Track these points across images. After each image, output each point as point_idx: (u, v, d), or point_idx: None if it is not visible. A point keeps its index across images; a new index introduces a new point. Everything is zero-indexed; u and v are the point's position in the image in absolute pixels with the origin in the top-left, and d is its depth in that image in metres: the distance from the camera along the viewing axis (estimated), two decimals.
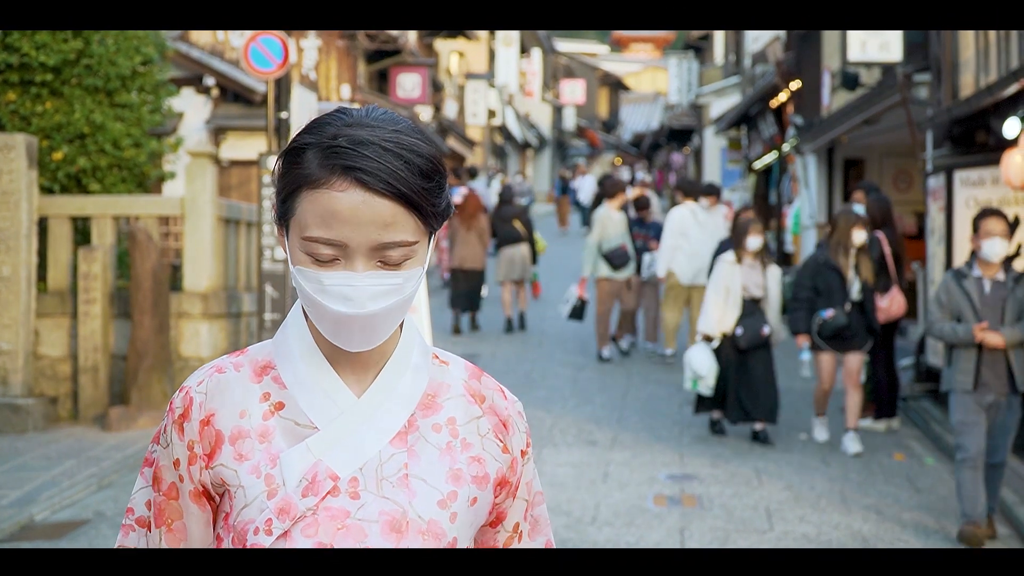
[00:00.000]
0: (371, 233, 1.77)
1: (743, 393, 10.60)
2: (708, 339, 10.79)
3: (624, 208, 15.25)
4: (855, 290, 10.21)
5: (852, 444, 10.19)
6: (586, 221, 34.31)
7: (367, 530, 1.80)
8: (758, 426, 10.63)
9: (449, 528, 1.84)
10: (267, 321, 11.57)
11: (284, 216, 1.85)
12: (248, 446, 1.84)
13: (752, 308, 10.67)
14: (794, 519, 8.35)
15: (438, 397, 1.94)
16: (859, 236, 10.20)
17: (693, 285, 14.31)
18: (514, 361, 14.91)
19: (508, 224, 17.20)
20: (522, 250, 17.12)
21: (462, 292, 16.87)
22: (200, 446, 1.85)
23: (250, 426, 1.85)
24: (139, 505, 1.93)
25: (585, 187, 36.80)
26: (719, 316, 10.69)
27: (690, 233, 14.36)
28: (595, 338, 15.23)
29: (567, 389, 13.18)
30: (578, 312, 14.97)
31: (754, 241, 10.69)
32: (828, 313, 10.12)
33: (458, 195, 19.17)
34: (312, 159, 1.79)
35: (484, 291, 17.41)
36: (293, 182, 1.81)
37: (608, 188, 15.30)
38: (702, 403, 10.94)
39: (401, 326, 1.93)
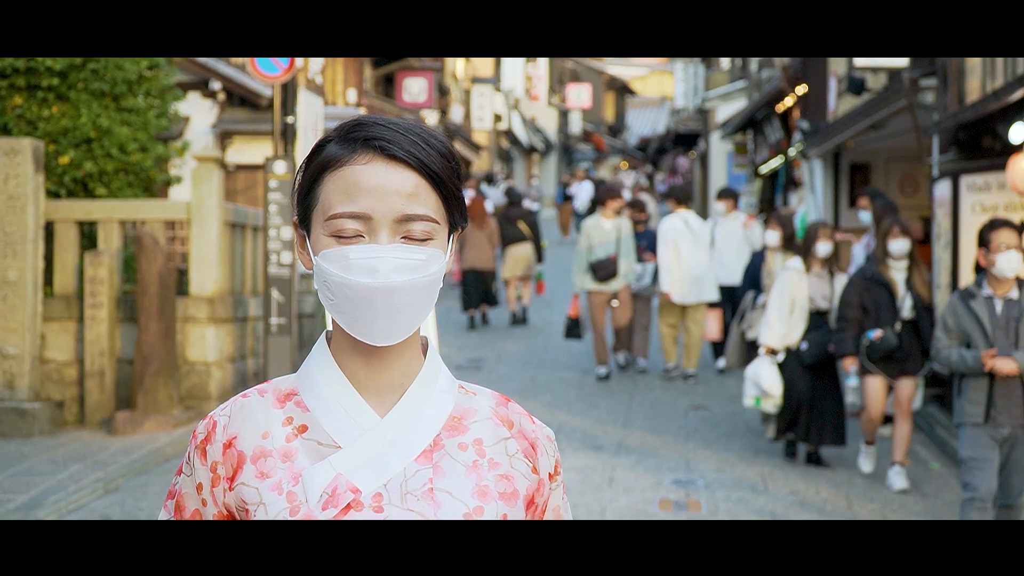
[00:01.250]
0: (394, 204, 1.79)
1: (808, 412, 9.81)
2: (772, 352, 9.95)
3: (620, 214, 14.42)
4: (906, 307, 9.22)
5: (898, 479, 9.24)
6: (579, 228, 34.07)
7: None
8: (802, 447, 10.02)
9: None
10: (273, 326, 11.58)
11: (306, 215, 1.86)
12: (270, 465, 1.84)
13: (818, 321, 9.79)
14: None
15: (465, 420, 1.92)
16: (896, 246, 9.20)
17: (686, 304, 13.51)
18: (519, 366, 14.91)
19: (513, 225, 18.37)
20: (526, 249, 18.27)
21: (476, 291, 17.94)
22: (224, 468, 1.85)
23: (272, 447, 1.85)
24: None
25: (582, 193, 36.51)
26: (784, 329, 9.84)
27: (680, 246, 13.38)
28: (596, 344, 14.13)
29: (572, 394, 13.17)
30: (572, 331, 14.13)
31: (824, 247, 9.79)
32: (876, 334, 9.13)
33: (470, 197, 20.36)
34: (333, 146, 1.84)
35: (495, 286, 18.68)
36: (314, 171, 1.85)
37: (600, 195, 14.43)
38: (779, 426, 10.06)
39: (425, 352, 1.93)
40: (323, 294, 1.84)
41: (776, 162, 24.34)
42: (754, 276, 11.78)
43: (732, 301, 14.00)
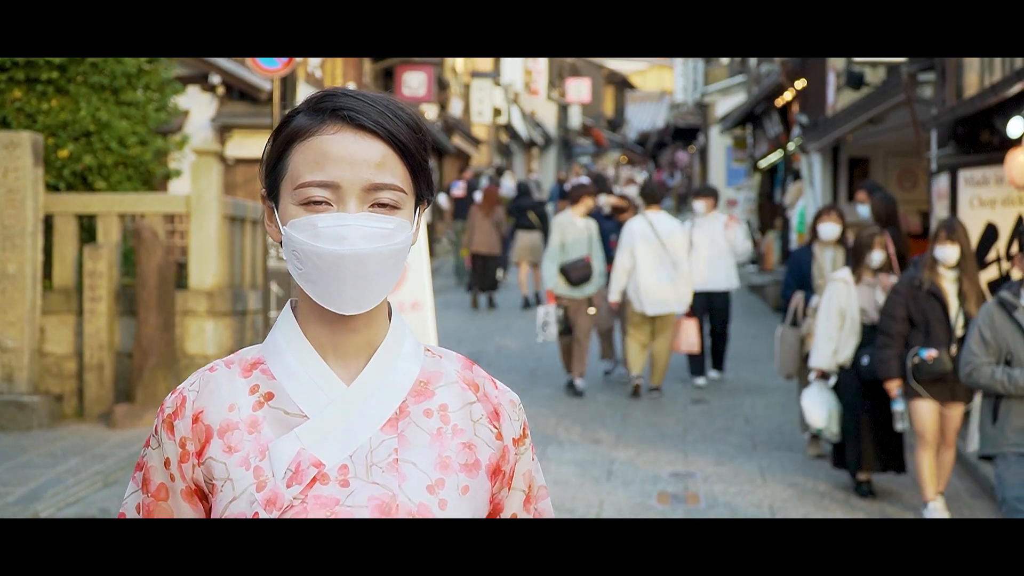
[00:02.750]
0: (363, 172, 1.81)
1: (862, 435, 8.87)
2: (824, 376, 9.02)
3: (594, 215, 13.47)
4: (960, 325, 8.01)
5: (940, 512, 8.25)
6: None
7: (357, 516, 1.80)
8: (862, 475, 8.98)
9: (439, 515, 1.83)
10: (272, 319, 11.58)
11: (274, 186, 1.87)
12: (237, 438, 1.84)
13: (873, 335, 8.60)
14: (797, 517, 8.34)
15: (431, 384, 1.93)
16: (943, 253, 8.00)
17: (647, 314, 12.35)
18: (518, 359, 14.93)
19: (523, 214, 20.18)
20: (533, 237, 19.92)
21: (480, 274, 19.74)
22: (192, 443, 1.86)
23: (239, 418, 1.85)
24: (130, 509, 1.93)
25: None
26: (834, 347, 8.86)
27: (637, 251, 12.30)
28: (576, 355, 12.87)
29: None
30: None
31: (878, 256, 8.76)
32: (929, 353, 8.00)
33: (463, 188, 22.58)
34: (302, 117, 1.87)
35: (499, 273, 20.62)
36: (283, 141, 1.87)
37: (573, 192, 13.25)
38: (839, 454, 9.16)
39: (389, 316, 1.94)
40: (291, 263, 1.85)
41: (775, 156, 24.37)
42: (800, 274, 10.57)
43: (710, 310, 13.36)
